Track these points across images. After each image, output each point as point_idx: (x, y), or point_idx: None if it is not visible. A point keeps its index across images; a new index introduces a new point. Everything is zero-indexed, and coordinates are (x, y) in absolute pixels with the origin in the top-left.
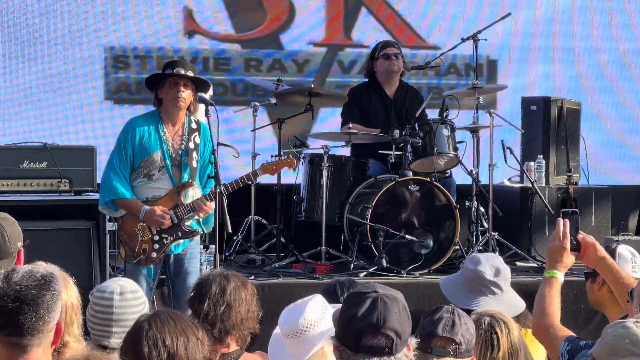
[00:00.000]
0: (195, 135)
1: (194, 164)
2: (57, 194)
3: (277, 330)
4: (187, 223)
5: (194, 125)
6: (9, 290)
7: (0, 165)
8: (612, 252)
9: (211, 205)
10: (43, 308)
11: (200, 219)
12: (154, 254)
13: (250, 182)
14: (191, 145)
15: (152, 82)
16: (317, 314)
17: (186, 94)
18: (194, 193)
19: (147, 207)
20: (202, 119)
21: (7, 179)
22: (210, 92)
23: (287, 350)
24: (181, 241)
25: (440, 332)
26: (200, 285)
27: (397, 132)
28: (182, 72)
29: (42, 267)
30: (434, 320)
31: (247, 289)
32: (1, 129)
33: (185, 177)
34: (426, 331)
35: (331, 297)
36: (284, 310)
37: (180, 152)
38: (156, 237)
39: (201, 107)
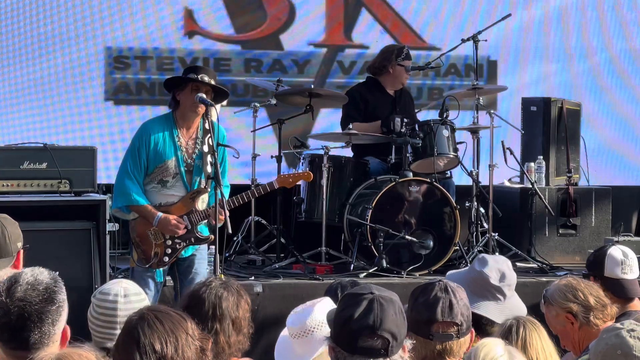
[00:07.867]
0: (209, 137)
1: (208, 168)
2: (57, 195)
3: (283, 332)
4: (198, 227)
5: (207, 126)
6: (13, 307)
7: (0, 166)
8: (603, 254)
9: (224, 214)
10: (47, 323)
11: (217, 225)
12: (166, 258)
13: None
14: (205, 148)
15: (171, 83)
16: (325, 315)
17: None
18: (205, 197)
19: (161, 214)
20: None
21: (7, 179)
22: (224, 102)
23: (294, 350)
24: (192, 246)
25: (440, 318)
26: (194, 299)
27: (397, 121)
28: (206, 79)
29: (45, 274)
30: (430, 303)
31: (241, 306)
32: (1, 130)
33: (199, 181)
34: (424, 317)
35: (333, 298)
36: (292, 312)
37: (194, 156)
38: (169, 242)
39: (216, 109)
